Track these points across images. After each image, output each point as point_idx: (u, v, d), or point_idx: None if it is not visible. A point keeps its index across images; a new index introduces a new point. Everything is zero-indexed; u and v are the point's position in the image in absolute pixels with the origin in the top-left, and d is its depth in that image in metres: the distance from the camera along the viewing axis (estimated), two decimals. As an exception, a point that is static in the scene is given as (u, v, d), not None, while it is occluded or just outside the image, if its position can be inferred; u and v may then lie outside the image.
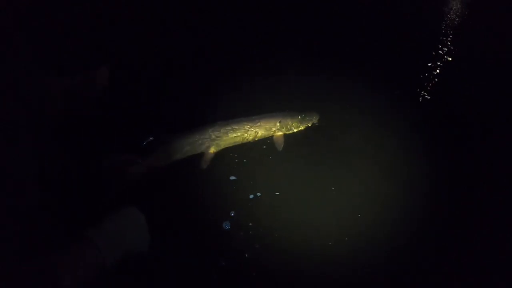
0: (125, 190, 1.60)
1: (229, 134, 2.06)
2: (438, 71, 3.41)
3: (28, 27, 0.70)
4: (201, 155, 1.99)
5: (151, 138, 1.91)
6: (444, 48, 3.94)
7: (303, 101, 2.59)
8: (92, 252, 0.83)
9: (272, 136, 2.23)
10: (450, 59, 3.70)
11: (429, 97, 2.96)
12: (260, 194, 1.85)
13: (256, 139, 2.18)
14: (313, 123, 2.35)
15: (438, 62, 3.60)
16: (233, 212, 1.76)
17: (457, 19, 5.02)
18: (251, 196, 1.83)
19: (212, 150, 1.99)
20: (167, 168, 1.87)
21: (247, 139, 2.13)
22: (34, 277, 0.63)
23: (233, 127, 2.08)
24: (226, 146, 2.09)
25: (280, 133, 2.23)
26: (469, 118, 2.72)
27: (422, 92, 3.03)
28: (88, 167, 1.38)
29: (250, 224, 1.73)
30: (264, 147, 2.21)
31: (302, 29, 3.98)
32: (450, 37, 4.27)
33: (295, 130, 2.30)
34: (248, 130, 2.10)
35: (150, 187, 1.74)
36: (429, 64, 3.53)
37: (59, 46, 0.69)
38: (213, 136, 2.01)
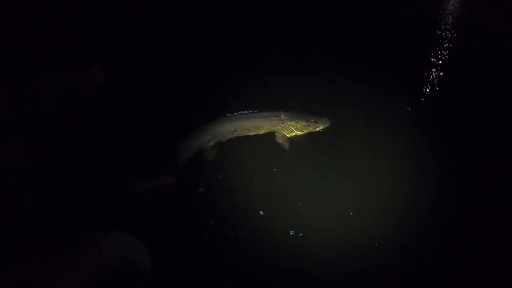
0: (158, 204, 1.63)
1: (235, 128, 2.11)
2: (438, 71, 3.41)
3: (23, 27, 0.70)
4: (209, 150, 2.03)
5: (166, 146, 1.94)
6: (444, 48, 3.94)
7: (303, 102, 2.58)
8: (93, 251, 0.82)
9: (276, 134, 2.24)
10: (450, 59, 3.70)
11: (429, 98, 2.96)
12: (262, 213, 1.83)
13: (261, 132, 2.20)
14: (320, 129, 2.34)
15: (438, 62, 3.60)
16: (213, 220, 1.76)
17: (457, 19, 5.02)
18: (261, 213, 1.81)
19: (219, 144, 2.05)
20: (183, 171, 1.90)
21: (254, 131, 2.17)
22: (31, 278, 0.62)
23: (239, 120, 2.14)
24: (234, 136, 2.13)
25: (283, 132, 2.25)
26: (469, 118, 2.72)
27: (423, 92, 3.03)
28: (124, 188, 1.38)
29: (232, 232, 1.72)
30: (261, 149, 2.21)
31: (302, 29, 3.98)
32: (450, 37, 4.27)
33: (297, 132, 2.30)
34: (254, 123, 2.15)
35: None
36: (429, 64, 3.53)
37: (55, 45, 0.68)
38: (221, 133, 2.07)
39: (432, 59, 3.62)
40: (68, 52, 0.77)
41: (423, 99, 2.92)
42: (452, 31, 4.48)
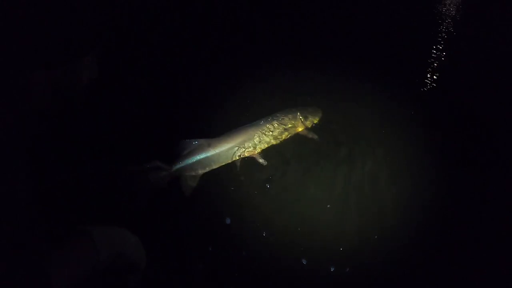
0: (150, 197, 1.60)
1: (262, 137, 2.01)
2: (438, 71, 3.41)
3: (12, 22, 0.68)
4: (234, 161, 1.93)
5: (185, 144, 1.85)
6: (444, 48, 3.93)
7: (302, 102, 2.58)
8: (86, 245, 0.81)
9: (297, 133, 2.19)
10: (450, 59, 3.70)
11: (429, 97, 2.96)
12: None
13: (285, 137, 2.14)
14: (319, 119, 2.32)
15: (438, 62, 3.60)
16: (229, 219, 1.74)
17: (457, 18, 5.02)
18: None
19: (246, 155, 1.95)
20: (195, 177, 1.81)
21: (280, 138, 2.09)
22: (24, 277, 0.61)
23: (263, 129, 2.02)
24: (261, 149, 2.04)
25: (302, 127, 2.19)
26: (469, 118, 2.72)
27: (423, 92, 3.03)
28: (115, 173, 1.35)
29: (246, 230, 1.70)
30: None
31: (301, 29, 3.98)
32: (450, 37, 4.27)
33: (314, 122, 2.27)
34: (277, 129, 2.07)
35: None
36: (429, 64, 3.52)
37: (44, 37, 0.67)
38: (248, 144, 1.97)
39: (432, 59, 3.62)
40: (58, 44, 0.75)
41: (422, 99, 2.92)
42: (452, 30, 4.48)
